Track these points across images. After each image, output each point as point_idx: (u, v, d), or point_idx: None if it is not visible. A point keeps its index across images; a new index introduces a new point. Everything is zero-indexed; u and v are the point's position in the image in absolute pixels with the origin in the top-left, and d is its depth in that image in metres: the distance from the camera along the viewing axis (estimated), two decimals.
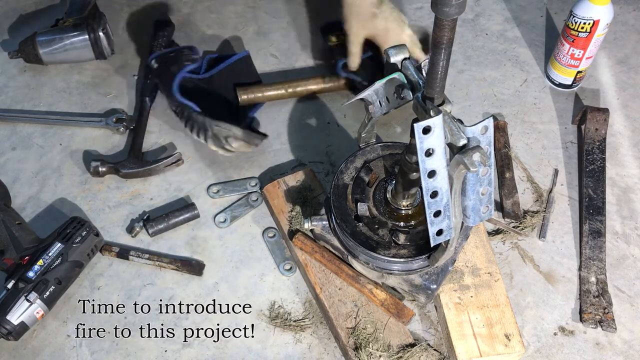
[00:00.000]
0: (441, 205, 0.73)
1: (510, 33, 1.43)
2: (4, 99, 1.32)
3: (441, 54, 0.66)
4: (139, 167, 1.15)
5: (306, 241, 1.01)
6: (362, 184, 0.95)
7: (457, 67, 1.36)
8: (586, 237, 1.06)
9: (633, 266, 1.05)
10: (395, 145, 1.00)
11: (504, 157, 1.17)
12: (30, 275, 0.96)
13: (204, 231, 1.10)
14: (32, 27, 1.44)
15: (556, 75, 1.29)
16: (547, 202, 1.12)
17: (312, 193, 1.09)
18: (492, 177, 0.72)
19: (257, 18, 1.47)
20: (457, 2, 0.60)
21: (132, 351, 0.97)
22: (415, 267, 0.90)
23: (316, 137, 1.24)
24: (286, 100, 1.30)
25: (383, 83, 0.82)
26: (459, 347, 0.90)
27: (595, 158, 1.15)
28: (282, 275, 1.04)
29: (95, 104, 1.30)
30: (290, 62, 1.37)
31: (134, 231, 1.09)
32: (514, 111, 1.28)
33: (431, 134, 0.67)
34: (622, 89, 1.31)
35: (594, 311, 0.98)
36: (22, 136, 1.25)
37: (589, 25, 1.16)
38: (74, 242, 1.00)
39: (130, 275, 1.05)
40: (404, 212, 0.92)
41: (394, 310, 0.94)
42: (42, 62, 1.33)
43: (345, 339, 0.93)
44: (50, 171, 1.19)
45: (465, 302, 0.94)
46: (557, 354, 0.95)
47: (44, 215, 1.13)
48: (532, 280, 1.03)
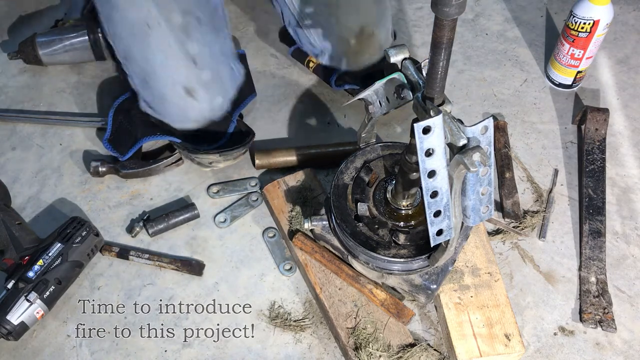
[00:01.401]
0: (441, 205, 0.73)
1: (510, 33, 1.43)
2: (4, 99, 1.32)
3: (441, 54, 0.66)
4: (138, 167, 1.15)
5: (306, 241, 1.01)
6: (362, 184, 0.95)
7: (457, 67, 1.36)
8: (586, 237, 1.06)
9: (633, 266, 1.05)
10: (395, 145, 1.00)
11: (504, 157, 1.17)
12: (30, 275, 0.96)
13: (204, 231, 1.10)
14: (31, 28, 1.44)
15: (556, 75, 1.29)
16: (547, 202, 1.12)
17: (312, 193, 1.09)
18: (492, 177, 0.72)
19: (257, 18, 1.47)
20: (457, 2, 0.60)
21: (132, 351, 0.97)
22: (415, 267, 0.90)
23: (316, 137, 1.24)
24: (286, 101, 1.30)
25: (383, 83, 0.82)
26: (459, 347, 0.90)
27: (595, 158, 1.15)
28: (282, 275, 1.04)
29: (95, 104, 1.30)
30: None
31: (134, 231, 1.09)
32: (514, 111, 1.28)
33: (431, 134, 0.67)
34: (622, 89, 1.31)
35: (594, 311, 0.98)
36: (22, 136, 1.25)
37: (589, 25, 1.16)
38: (74, 242, 1.00)
39: (130, 275, 1.05)
40: (404, 212, 0.92)
41: (394, 310, 0.94)
42: (42, 63, 1.33)
43: (345, 339, 0.93)
44: (50, 171, 1.19)
45: (465, 302, 0.94)
46: (557, 354, 0.95)
47: (44, 215, 1.13)
48: (532, 280, 1.03)
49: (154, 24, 0.99)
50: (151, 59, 1.03)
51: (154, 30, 1.00)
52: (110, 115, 1.18)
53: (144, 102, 1.12)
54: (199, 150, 1.10)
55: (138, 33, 1.01)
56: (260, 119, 1.26)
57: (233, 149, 1.11)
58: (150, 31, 1.00)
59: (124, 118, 1.17)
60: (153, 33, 1.00)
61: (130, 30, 1.02)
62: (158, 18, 0.99)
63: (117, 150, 1.14)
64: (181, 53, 1.02)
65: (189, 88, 1.04)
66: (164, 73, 1.04)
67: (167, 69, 1.03)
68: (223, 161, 1.13)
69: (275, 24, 1.45)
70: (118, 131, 1.17)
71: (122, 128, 1.17)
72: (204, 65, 1.03)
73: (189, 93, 1.04)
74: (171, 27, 1.00)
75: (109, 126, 1.17)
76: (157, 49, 1.02)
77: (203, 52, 1.03)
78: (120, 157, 1.13)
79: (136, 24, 1.00)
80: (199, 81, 1.04)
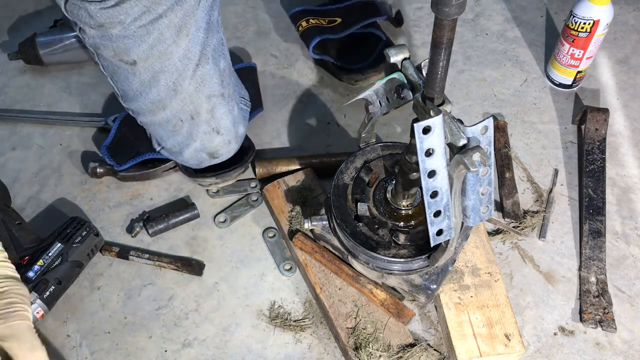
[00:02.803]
0: (441, 205, 0.73)
1: (510, 33, 1.43)
2: (4, 99, 1.32)
3: (441, 54, 0.66)
4: (136, 171, 1.15)
5: (306, 241, 1.01)
6: (362, 184, 0.95)
7: (457, 67, 1.36)
8: (586, 237, 1.06)
9: (633, 266, 1.05)
10: (395, 145, 1.00)
11: (504, 157, 1.17)
12: (30, 275, 0.96)
13: (204, 231, 1.10)
14: (31, 28, 1.44)
15: (556, 75, 1.29)
16: (547, 202, 1.12)
17: (312, 193, 1.09)
18: (492, 177, 0.72)
19: (257, 18, 1.47)
20: (457, 2, 0.60)
21: (132, 351, 0.97)
22: (415, 267, 0.90)
23: (316, 137, 1.24)
24: (286, 101, 1.30)
25: (383, 83, 0.82)
26: (459, 347, 0.90)
27: (595, 158, 1.15)
28: (282, 275, 1.04)
29: (95, 104, 1.30)
30: (290, 61, 1.37)
31: (134, 231, 1.09)
32: (514, 111, 1.28)
33: (431, 134, 0.67)
34: (622, 89, 1.31)
35: (594, 311, 0.98)
36: (22, 136, 1.25)
37: (589, 25, 1.16)
38: (74, 242, 1.00)
39: (130, 275, 1.05)
40: (404, 212, 0.92)
41: (394, 310, 0.94)
42: (43, 62, 1.33)
43: (345, 339, 0.93)
44: (50, 171, 1.19)
45: (465, 302, 0.94)
46: (557, 354, 0.95)
47: (44, 215, 1.13)
48: (532, 280, 1.03)
49: (187, 119, 1.00)
50: (178, 139, 1.04)
51: (185, 123, 1.00)
52: (115, 125, 1.18)
53: (161, 147, 1.10)
54: (197, 175, 1.11)
55: (169, 127, 1.02)
56: (260, 119, 1.26)
57: (231, 170, 1.11)
58: (182, 124, 1.01)
59: (129, 130, 1.16)
60: (184, 125, 1.01)
61: (161, 125, 1.02)
62: (191, 114, 0.99)
63: (114, 158, 1.14)
64: (207, 130, 1.02)
65: (212, 152, 1.06)
66: (188, 148, 1.05)
67: (192, 145, 1.04)
68: (222, 182, 1.13)
69: (276, 24, 1.45)
70: (120, 141, 1.16)
71: (125, 139, 1.16)
72: (226, 131, 1.04)
73: (212, 156, 1.06)
74: (200, 117, 1.00)
75: (112, 134, 1.17)
76: (186, 134, 1.02)
77: (226, 122, 1.03)
78: (116, 166, 1.13)
79: (170, 120, 1.00)
80: (220, 144, 1.05)
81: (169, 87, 0.94)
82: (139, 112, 1.02)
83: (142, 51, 0.89)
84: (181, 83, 0.94)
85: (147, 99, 0.97)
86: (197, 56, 0.93)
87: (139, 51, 0.89)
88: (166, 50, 0.89)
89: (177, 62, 0.92)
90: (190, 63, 0.93)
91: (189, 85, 0.95)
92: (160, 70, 0.92)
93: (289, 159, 1.16)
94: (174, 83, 0.94)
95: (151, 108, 0.99)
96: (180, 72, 0.93)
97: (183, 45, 0.90)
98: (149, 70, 0.92)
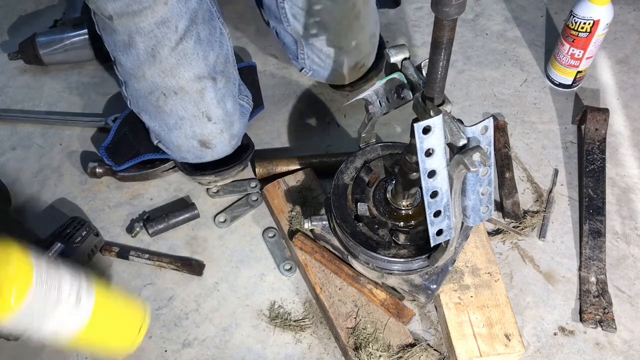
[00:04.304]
0: (441, 205, 0.73)
1: (510, 33, 1.43)
2: (4, 99, 1.32)
3: (441, 54, 0.66)
4: (136, 171, 1.15)
5: (306, 241, 1.01)
6: (362, 184, 0.95)
7: (457, 67, 1.36)
8: (586, 237, 1.06)
9: (633, 266, 1.05)
10: (395, 145, 1.00)
11: (504, 157, 1.17)
12: None
13: (204, 231, 1.10)
14: (31, 28, 1.44)
15: (556, 75, 1.29)
16: (547, 202, 1.12)
17: (312, 193, 1.09)
18: (492, 177, 0.72)
19: (257, 18, 1.47)
20: (457, 2, 0.60)
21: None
22: (415, 267, 0.90)
23: (316, 137, 1.24)
24: (286, 101, 1.30)
25: (383, 83, 0.82)
26: (459, 347, 0.90)
27: (595, 158, 1.15)
28: (282, 275, 1.04)
29: (95, 104, 1.30)
30: (290, 61, 1.37)
31: (134, 231, 1.09)
32: (514, 111, 1.28)
33: (431, 134, 0.67)
34: (622, 89, 1.31)
35: (594, 311, 0.98)
36: (22, 136, 1.25)
37: (589, 25, 1.16)
38: (74, 242, 1.00)
39: (130, 275, 1.05)
40: (404, 212, 0.92)
41: (394, 310, 0.94)
42: (43, 62, 1.33)
43: (345, 339, 0.93)
44: (50, 171, 1.19)
45: (465, 302, 0.94)
46: (557, 354, 0.95)
47: (44, 215, 1.13)
48: (532, 280, 1.03)
49: (170, 94, 1.00)
50: (165, 119, 1.04)
51: (169, 99, 1.00)
52: (115, 125, 1.18)
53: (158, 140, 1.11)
54: (196, 173, 1.11)
55: (153, 99, 1.02)
56: (260, 119, 1.26)
57: (230, 168, 1.11)
58: (166, 99, 1.01)
59: (129, 130, 1.16)
60: (169, 101, 1.01)
61: (145, 98, 1.02)
62: (174, 89, 0.99)
63: (113, 159, 1.14)
64: (195, 113, 1.02)
65: (204, 141, 1.06)
66: (178, 131, 1.04)
67: (182, 128, 1.04)
68: (221, 180, 1.13)
69: None
70: (119, 141, 1.16)
71: (125, 139, 1.16)
72: (218, 119, 1.04)
73: (204, 145, 1.06)
74: (187, 96, 1.00)
75: (111, 135, 1.17)
76: (171, 112, 1.02)
77: (217, 109, 1.03)
78: (114, 166, 1.13)
79: (152, 92, 1.00)
80: (212, 134, 1.05)
81: (147, 52, 0.95)
82: (125, 78, 1.03)
83: (118, 6, 0.90)
84: (159, 51, 0.95)
85: (128, 61, 0.98)
86: (180, 29, 0.93)
87: (115, 6, 0.90)
88: (141, 12, 0.90)
89: (153, 27, 0.92)
90: (170, 33, 0.93)
91: (169, 55, 0.95)
92: (136, 32, 0.93)
93: (289, 159, 1.16)
94: (152, 49, 0.94)
95: (132, 73, 1.00)
96: (158, 39, 0.93)
97: (160, 11, 0.91)
98: (125, 28, 0.93)
